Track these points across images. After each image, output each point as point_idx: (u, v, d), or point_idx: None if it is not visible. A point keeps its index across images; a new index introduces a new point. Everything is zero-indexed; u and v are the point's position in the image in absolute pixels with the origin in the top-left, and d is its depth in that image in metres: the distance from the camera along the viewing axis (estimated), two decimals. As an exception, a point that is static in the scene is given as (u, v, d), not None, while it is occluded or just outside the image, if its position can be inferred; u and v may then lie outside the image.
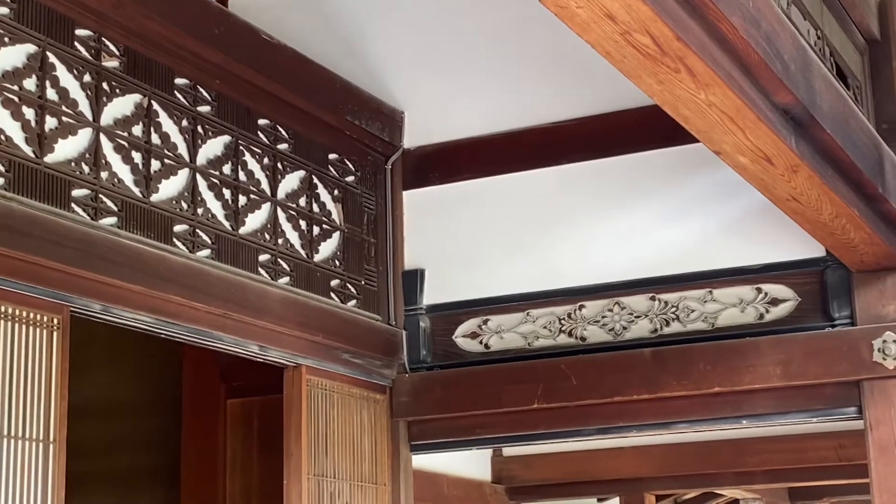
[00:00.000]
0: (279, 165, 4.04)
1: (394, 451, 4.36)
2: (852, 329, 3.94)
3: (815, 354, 3.95)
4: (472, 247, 4.56)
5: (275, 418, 4.08)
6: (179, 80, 3.65)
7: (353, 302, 4.31)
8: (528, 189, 4.50)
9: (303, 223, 4.11)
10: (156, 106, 3.54)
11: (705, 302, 4.18)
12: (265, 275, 3.88)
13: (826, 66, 3.24)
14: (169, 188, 3.54)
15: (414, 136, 4.63)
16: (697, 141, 2.92)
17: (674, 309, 4.22)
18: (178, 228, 3.55)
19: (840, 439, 5.55)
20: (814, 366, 3.94)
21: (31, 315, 3.03)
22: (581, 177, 4.44)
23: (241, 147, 3.87)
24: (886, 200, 3.52)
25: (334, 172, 4.32)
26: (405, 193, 4.64)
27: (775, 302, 4.10)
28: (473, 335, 4.48)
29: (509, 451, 6.15)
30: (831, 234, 3.58)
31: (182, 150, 3.63)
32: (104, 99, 3.36)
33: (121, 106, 3.42)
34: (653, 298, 4.26)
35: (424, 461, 5.22)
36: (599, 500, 7.41)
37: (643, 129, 4.26)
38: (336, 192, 4.32)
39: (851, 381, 3.91)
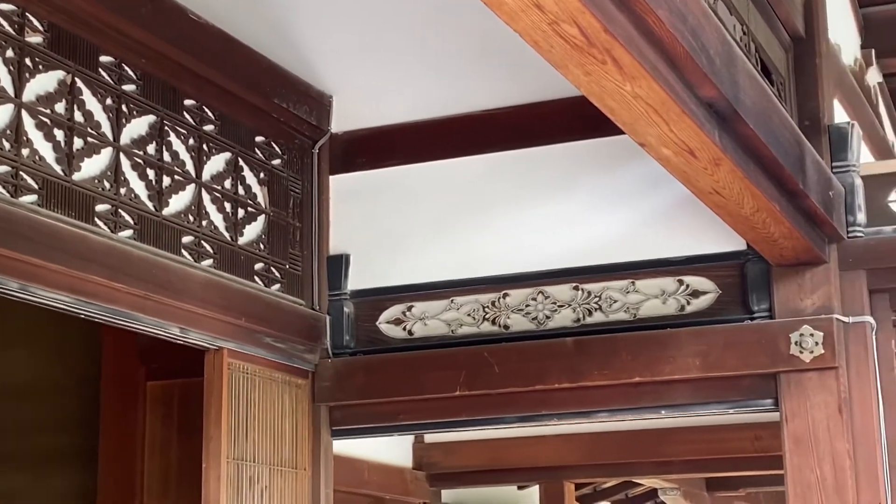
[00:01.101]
0: (205, 147, 4.00)
1: (314, 435, 4.34)
2: (771, 322, 3.99)
3: (733, 346, 3.99)
4: (398, 233, 4.56)
5: (195, 401, 4.05)
6: (104, 58, 3.59)
7: (277, 286, 4.28)
8: (455, 176, 4.51)
9: (227, 205, 4.08)
10: (79, 83, 3.49)
11: (628, 293, 4.22)
12: (188, 256, 3.84)
13: (751, 62, 3.28)
14: (91, 167, 3.49)
15: (342, 121, 4.61)
16: (623, 133, 2.94)
17: (597, 299, 4.25)
18: (99, 208, 3.50)
19: (756, 431, 5.64)
20: (732, 358, 3.99)
21: (-54, 292, 2.98)
22: (508, 166, 4.45)
23: (166, 127, 3.83)
24: (807, 196, 3.57)
25: (261, 155, 4.29)
26: (332, 178, 4.62)
27: (696, 294, 4.14)
28: (397, 321, 4.48)
29: (431, 437, 6.17)
30: (752, 228, 3.62)
31: (105, 128, 3.58)
32: (27, 75, 3.30)
33: (44, 82, 3.36)
34: (576, 288, 4.29)
35: (345, 447, 5.21)
36: (520, 487, 7.47)
37: (571, 120, 4.28)
38: (262, 174, 4.29)
39: (769, 374, 3.97)
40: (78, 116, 3.47)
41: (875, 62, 5.69)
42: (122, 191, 3.59)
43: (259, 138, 4.29)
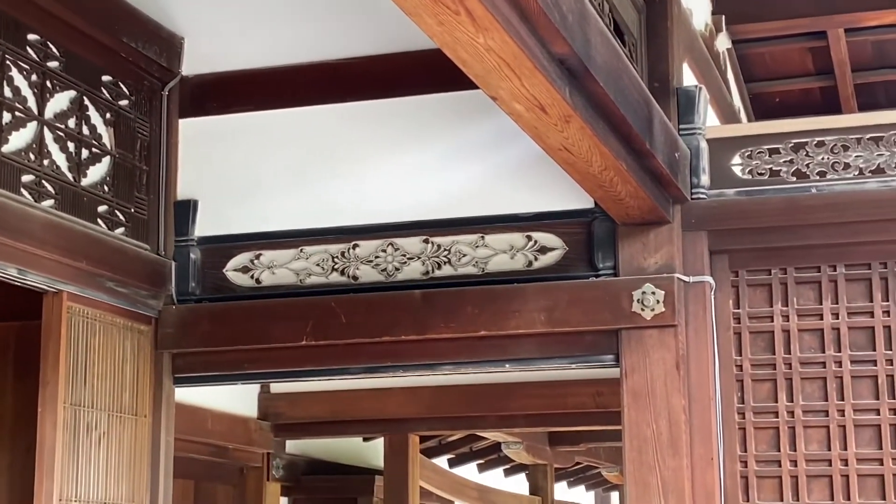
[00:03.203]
0: (48, 84, 3.87)
1: (156, 383, 4.27)
2: (615, 279, 4.06)
3: (578, 302, 4.05)
4: (248, 180, 4.49)
5: (32, 345, 3.94)
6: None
7: (121, 230, 4.19)
8: (307, 125, 4.46)
9: (71, 145, 3.97)
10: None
11: (477, 247, 4.24)
12: (28, 196, 3.73)
13: (604, 21, 3.30)
14: (-73, 100, 3.35)
15: (193, 64, 4.52)
16: (477, 87, 2.94)
17: (446, 252, 4.26)
18: (-66, 142, 3.37)
19: (598, 387, 5.77)
20: (576, 313, 4.05)
21: None
22: (362, 116, 4.42)
23: (7, 62, 3.69)
24: (654, 156, 3.63)
25: (107, 95, 4.18)
26: (181, 122, 4.53)
27: (544, 250, 4.19)
28: (245, 269, 4.43)
29: (276, 387, 6.15)
30: (600, 187, 3.67)
31: (-58, 60, 3.44)
32: None
33: None
34: (426, 241, 4.29)
35: (189, 395, 5.16)
36: (365, 439, 7.50)
37: (426, 72, 4.27)
38: (108, 115, 4.18)
39: (611, 330, 4.04)
40: (-88, 46, 3.32)
41: (725, 28, 5.80)
42: (-41, 126, 3.46)
43: (106, 78, 4.17)
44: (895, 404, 3.91)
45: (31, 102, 3.79)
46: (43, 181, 3.80)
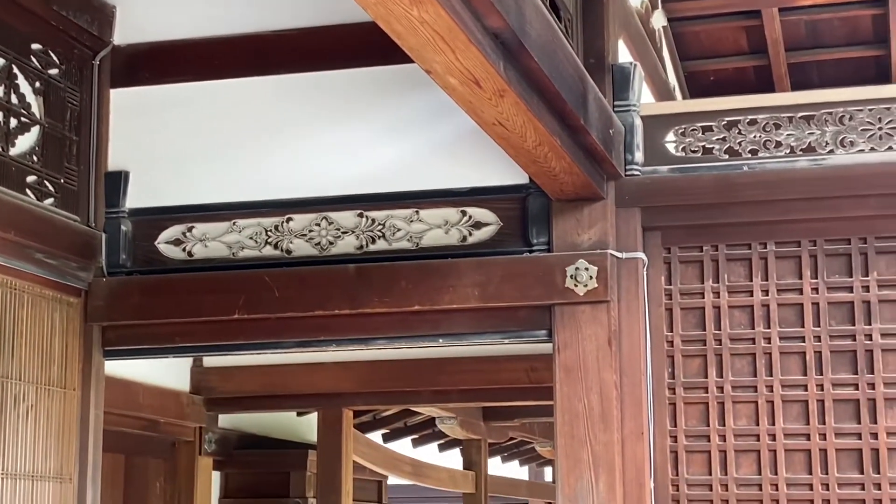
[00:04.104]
0: (-25, 51, 3.81)
1: (86, 355, 4.22)
2: (548, 255, 4.07)
3: (512, 278, 4.06)
4: (181, 152, 4.45)
5: (-42, 317, 3.89)
6: None
7: (51, 200, 4.13)
8: (242, 97, 4.42)
9: (-1, 114, 3.90)
10: None
11: (412, 222, 4.23)
12: (-46, 165, 3.66)
13: (539, -4, 3.29)
14: None
15: (126, 33, 4.46)
16: (412, 61, 2.92)
17: (380, 227, 4.25)
18: None
19: (532, 362, 5.80)
20: (510, 289, 4.06)
21: None
22: (297, 88, 4.39)
23: (-68, 27, 3.62)
24: (588, 133, 3.64)
25: (37, 64, 4.11)
26: (113, 92, 4.47)
27: (478, 225, 4.19)
28: (177, 242, 4.39)
29: (209, 361, 6.12)
30: (534, 162, 3.67)
31: None
32: None
33: None
34: (360, 215, 4.28)
35: (120, 368, 5.12)
36: (299, 413, 7.48)
37: (361, 45, 4.25)
38: (38, 84, 4.11)
39: (544, 305, 4.05)
40: None
41: (661, 6, 5.83)
42: None
43: (35, 46, 4.10)
44: (822, 380, 3.96)
45: (-42, 70, 3.72)
46: (-31, 150, 3.74)
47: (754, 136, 4.09)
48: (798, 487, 3.94)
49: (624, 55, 4.54)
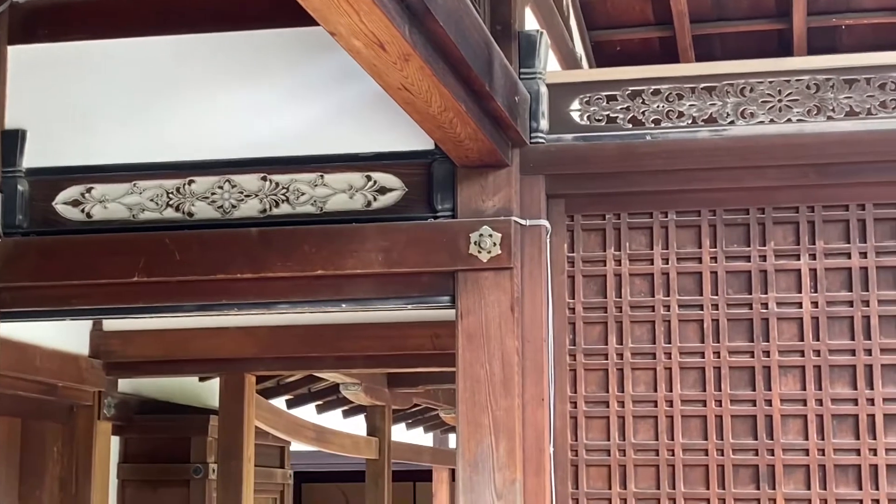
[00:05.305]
0: None
1: (-21, 315, 4.14)
2: (453, 221, 4.08)
3: (416, 244, 4.06)
4: (81, 112, 4.36)
5: None
6: None
7: (-56, 158, 4.03)
8: (144, 57, 4.35)
9: None
10: None
11: (316, 186, 4.21)
12: None
13: (446, -40, 3.28)
14: None
15: (24, -12, 4.36)
16: (318, 24, 2.89)
17: (284, 191, 4.22)
18: None
19: (436, 329, 5.82)
20: (414, 254, 4.06)
21: None
22: (200, 49, 4.33)
23: None
24: (493, 99, 3.64)
25: (-70, 17, 4.00)
26: (10, 49, 4.37)
27: (383, 190, 4.17)
28: (75, 203, 4.31)
29: (109, 325, 6.03)
30: (440, 128, 3.66)
31: None
32: None
33: None
34: (264, 179, 4.24)
35: (16, 331, 5.03)
36: (201, 379, 7.42)
37: (266, 7, 4.21)
38: (-69, 38, 4.00)
39: (447, 272, 4.06)
40: None
41: (568, -25, 5.85)
42: None
43: (-71, -1, 4.00)
44: (719, 347, 4.03)
45: None
46: None
47: (657, 106, 4.12)
48: (694, 453, 4.01)
49: (531, 23, 4.55)
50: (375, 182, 4.18)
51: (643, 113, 4.13)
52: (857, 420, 3.94)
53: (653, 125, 4.12)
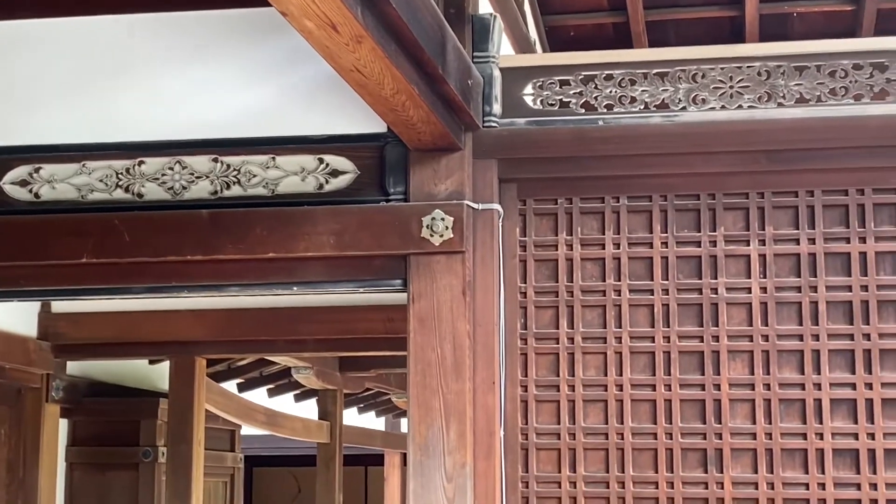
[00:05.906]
0: None
1: (-75, 298, 4.09)
2: (405, 205, 4.07)
3: (368, 227, 4.05)
4: (29, 91, 4.31)
5: None
6: None
7: None
8: (92, 35, 4.30)
9: None
10: None
11: (268, 168, 4.18)
12: None
13: (400, -58, 3.27)
14: None
15: (-30, -35, 4.30)
16: (270, 5, 2.87)
17: (235, 172, 4.19)
18: None
19: (389, 312, 5.82)
20: (366, 238, 4.05)
21: None
22: (150, 29, 4.29)
23: None
24: (446, 82, 3.63)
25: None
26: (-44, 26, 4.31)
27: (335, 173, 4.16)
28: (23, 183, 4.26)
29: (58, 307, 5.99)
30: (392, 111, 3.65)
31: None
32: None
33: None
34: (215, 160, 4.21)
35: (-38, 313, 4.97)
36: (151, 362, 7.38)
37: (219, -13, 4.18)
38: None
39: (399, 255, 4.05)
40: None
41: (523, -41, 5.85)
42: None
43: None
44: (668, 332, 4.05)
45: None
46: None
47: (610, 91, 4.13)
48: (643, 436, 4.03)
49: (485, 7, 4.54)
50: (328, 165, 4.16)
51: (596, 98, 4.14)
52: (803, 404, 3.98)
53: (605, 110, 4.12)
